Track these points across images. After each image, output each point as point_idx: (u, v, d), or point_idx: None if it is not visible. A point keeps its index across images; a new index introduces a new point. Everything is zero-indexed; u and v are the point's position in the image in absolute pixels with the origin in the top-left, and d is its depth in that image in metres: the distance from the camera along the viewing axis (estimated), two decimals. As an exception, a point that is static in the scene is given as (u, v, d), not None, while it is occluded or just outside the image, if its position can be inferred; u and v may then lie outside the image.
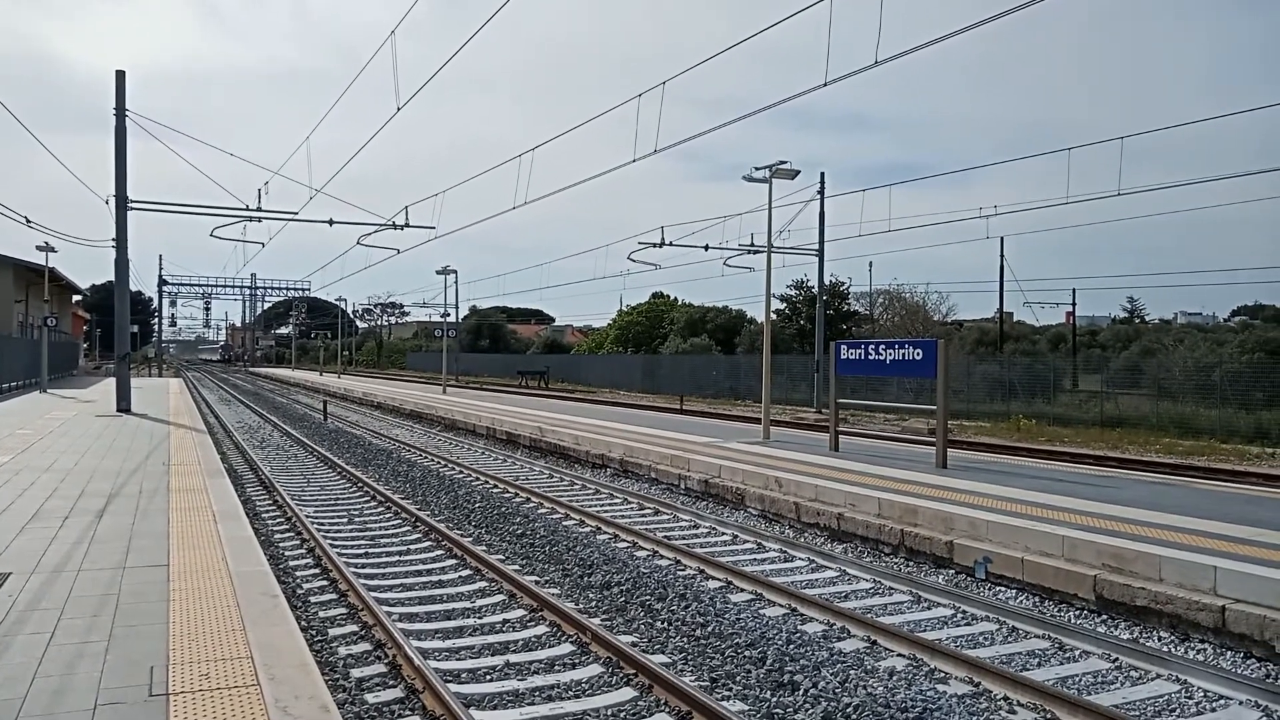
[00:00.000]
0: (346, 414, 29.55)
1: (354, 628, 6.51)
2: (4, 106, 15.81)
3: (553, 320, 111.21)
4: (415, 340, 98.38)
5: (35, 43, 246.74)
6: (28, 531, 7.15)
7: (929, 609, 7.21)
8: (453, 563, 8.62)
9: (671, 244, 29.51)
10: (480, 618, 6.83)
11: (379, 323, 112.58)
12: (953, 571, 8.38)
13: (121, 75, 19.83)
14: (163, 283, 65.43)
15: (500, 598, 7.37)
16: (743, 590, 7.64)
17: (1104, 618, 6.97)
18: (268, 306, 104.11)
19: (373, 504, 11.93)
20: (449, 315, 42.55)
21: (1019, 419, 25.37)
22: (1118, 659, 5.95)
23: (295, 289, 70.96)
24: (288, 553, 8.93)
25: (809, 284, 43.79)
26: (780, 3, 11.36)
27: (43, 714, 3.63)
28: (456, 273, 38.65)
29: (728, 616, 6.77)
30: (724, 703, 5.05)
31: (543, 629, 6.54)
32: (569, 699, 5.24)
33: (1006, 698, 5.29)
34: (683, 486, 13.19)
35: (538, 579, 7.97)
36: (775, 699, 5.20)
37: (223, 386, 50.91)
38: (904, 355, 12.94)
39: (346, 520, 10.74)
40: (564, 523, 10.64)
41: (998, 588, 7.85)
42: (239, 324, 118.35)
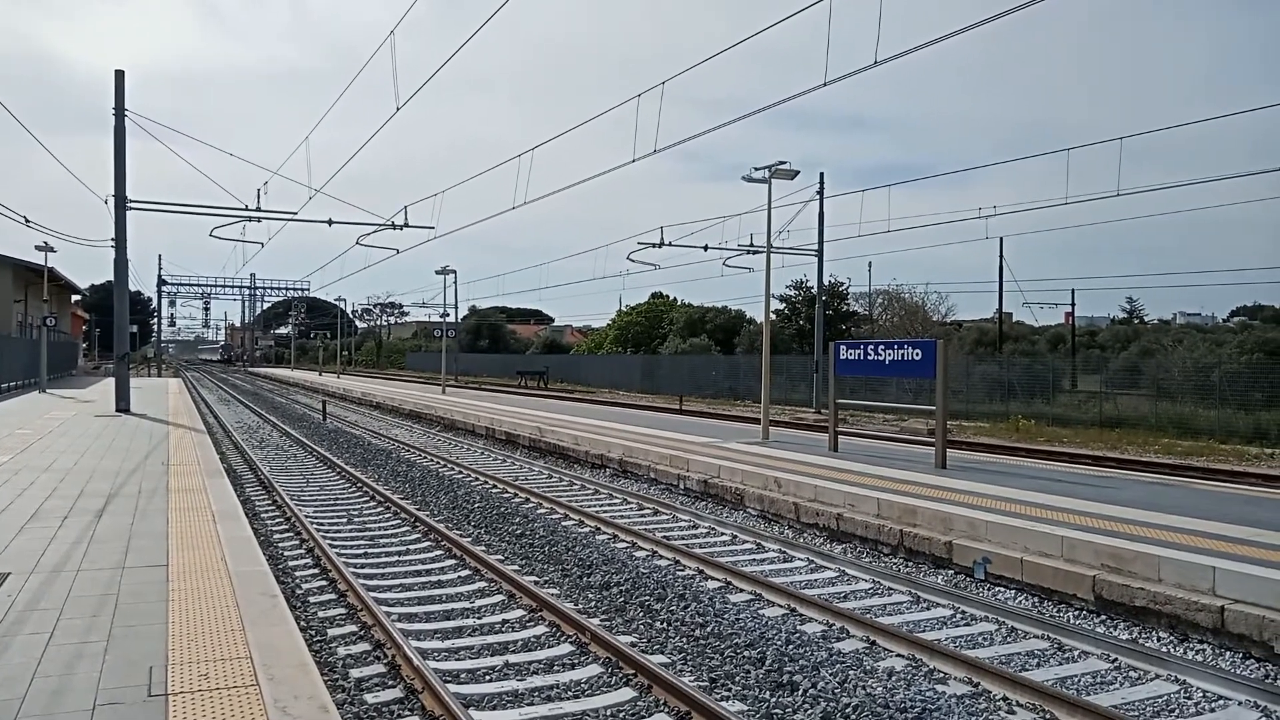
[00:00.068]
0: (346, 414, 29.55)
1: (353, 628, 6.51)
2: (4, 106, 15.83)
3: (552, 320, 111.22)
4: (414, 340, 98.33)
5: (35, 43, 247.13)
6: (27, 531, 7.15)
7: (928, 609, 7.22)
8: (452, 563, 8.62)
9: (671, 244, 29.54)
10: (479, 618, 6.83)
11: (378, 323, 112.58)
12: (952, 572, 8.38)
13: (121, 75, 19.83)
14: (162, 283, 65.47)
15: (499, 598, 7.37)
16: (742, 590, 7.65)
17: (1103, 618, 6.97)
18: (267, 306, 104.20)
19: (372, 504, 11.93)
20: (448, 315, 42.63)
21: (1018, 419, 25.39)
22: (1117, 659, 5.95)
23: (294, 289, 70.97)
24: (287, 553, 8.93)
25: (808, 284, 43.85)
26: (779, 3, 11.36)
27: (42, 714, 3.64)
28: (456, 273, 38.75)
29: (727, 617, 6.77)
30: (723, 703, 5.05)
31: (542, 629, 6.55)
32: (568, 699, 5.24)
33: (1006, 698, 5.29)
34: (682, 487, 13.19)
35: (537, 579, 7.97)
36: (774, 699, 5.20)
37: (222, 386, 50.90)
38: (903, 355, 12.95)
39: (346, 520, 10.74)
40: (563, 523, 10.64)
41: (997, 588, 7.86)
42: (238, 324, 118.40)
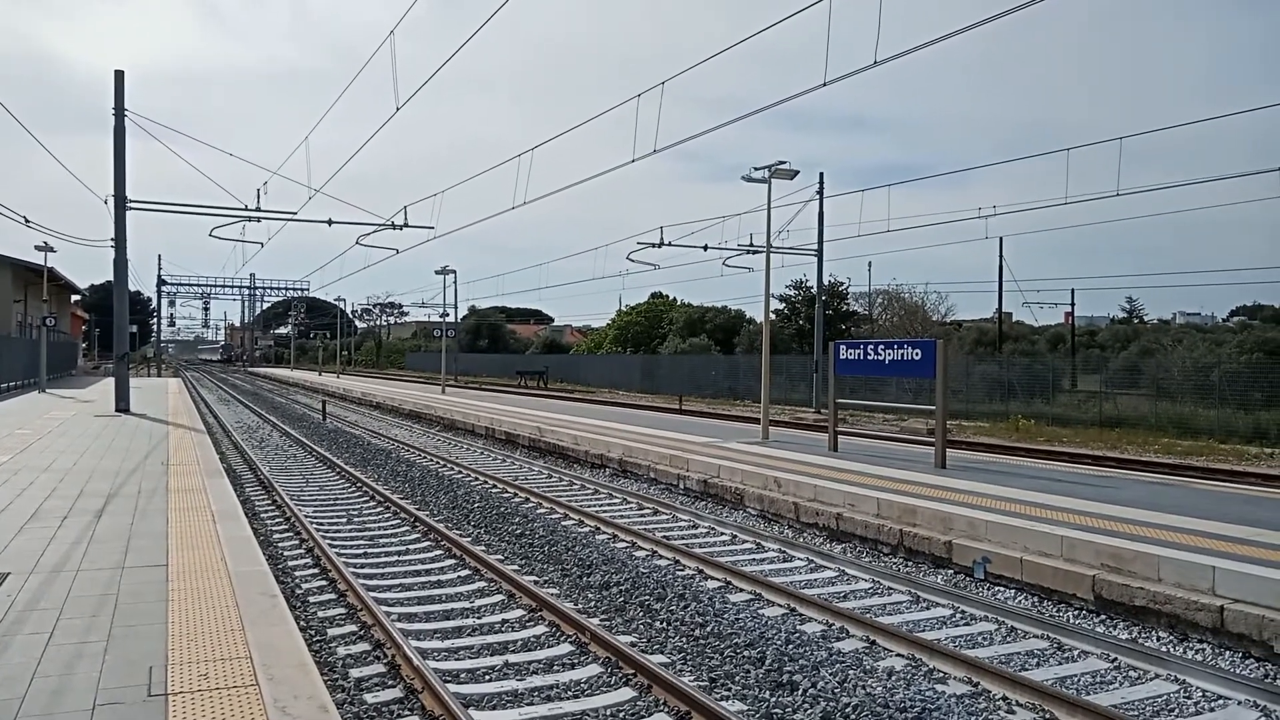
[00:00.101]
0: (345, 414, 29.55)
1: (353, 628, 6.51)
2: (4, 107, 15.82)
3: (552, 320, 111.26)
4: (414, 340, 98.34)
5: (35, 43, 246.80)
6: (26, 531, 7.15)
7: (928, 609, 7.22)
8: (452, 562, 8.62)
9: (670, 244, 29.54)
10: (479, 618, 6.83)
11: (378, 323, 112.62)
12: (951, 571, 8.38)
13: (120, 75, 19.82)
14: (161, 283, 65.49)
15: (499, 598, 7.37)
16: (742, 590, 7.65)
17: (1103, 618, 6.97)
18: (267, 306, 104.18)
19: (371, 504, 11.93)
20: (448, 315, 42.63)
21: (1018, 419, 25.39)
22: (1116, 659, 5.95)
23: (294, 289, 71.00)
24: (286, 553, 8.93)
25: (808, 284, 43.83)
26: (779, 3, 11.35)
27: (41, 714, 3.64)
28: (455, 273, 38.76)
29: (727, 616, 6.77)
30: (723, 703, 5.05)
31: (542, 629, 6.55)
32: (568, 699, 5.24)
33: (1005, 698, 5.29)
34: (682, 486, 13.19)
35: (537, 579, 7.97)
36: (774, 699, 5.20)
37: (221, 386, 50.89)
38: (903, 355, 12.95)
39: (345, 520, 10.74)
40: (563, 523, 10.63)
41: (996, 588, 7.86)
42: (238, 324, 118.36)
